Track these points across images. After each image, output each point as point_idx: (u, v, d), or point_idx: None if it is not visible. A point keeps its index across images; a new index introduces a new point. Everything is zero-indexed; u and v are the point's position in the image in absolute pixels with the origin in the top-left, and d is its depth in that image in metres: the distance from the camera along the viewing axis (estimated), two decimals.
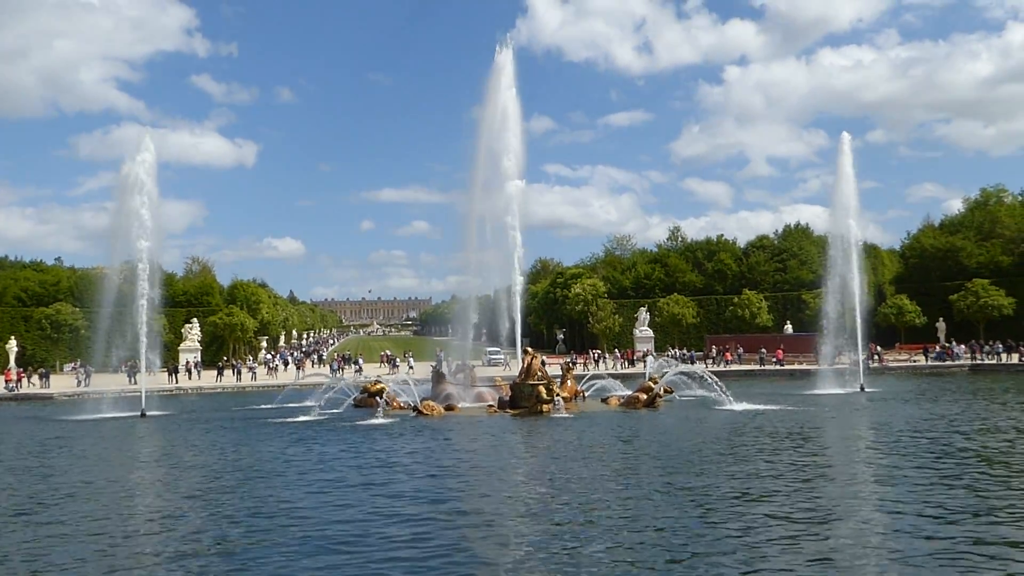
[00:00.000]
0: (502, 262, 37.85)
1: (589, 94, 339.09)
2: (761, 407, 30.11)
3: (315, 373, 54.49)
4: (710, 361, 60.46)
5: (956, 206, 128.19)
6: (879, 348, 56.85)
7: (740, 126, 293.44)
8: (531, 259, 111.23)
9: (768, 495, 13.88)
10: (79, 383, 50.88)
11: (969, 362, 55.00)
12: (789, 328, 74.30)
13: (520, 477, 16.59)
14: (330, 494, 14.95)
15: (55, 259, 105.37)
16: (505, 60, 37.91)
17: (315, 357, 78.58)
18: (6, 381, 50.69)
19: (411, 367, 60.29)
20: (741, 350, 62.89)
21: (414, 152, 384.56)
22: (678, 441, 21.36)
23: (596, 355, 64.77)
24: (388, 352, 71.61)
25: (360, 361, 62.76)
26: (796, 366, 55.36)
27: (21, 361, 65.24)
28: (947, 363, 55.76)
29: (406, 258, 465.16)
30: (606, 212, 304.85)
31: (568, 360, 53.04)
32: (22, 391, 48.26)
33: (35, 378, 53.54)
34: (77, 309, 74.01)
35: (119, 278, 35.31)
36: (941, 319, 68.11)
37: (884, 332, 68.27)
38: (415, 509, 13.46)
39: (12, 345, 65.79)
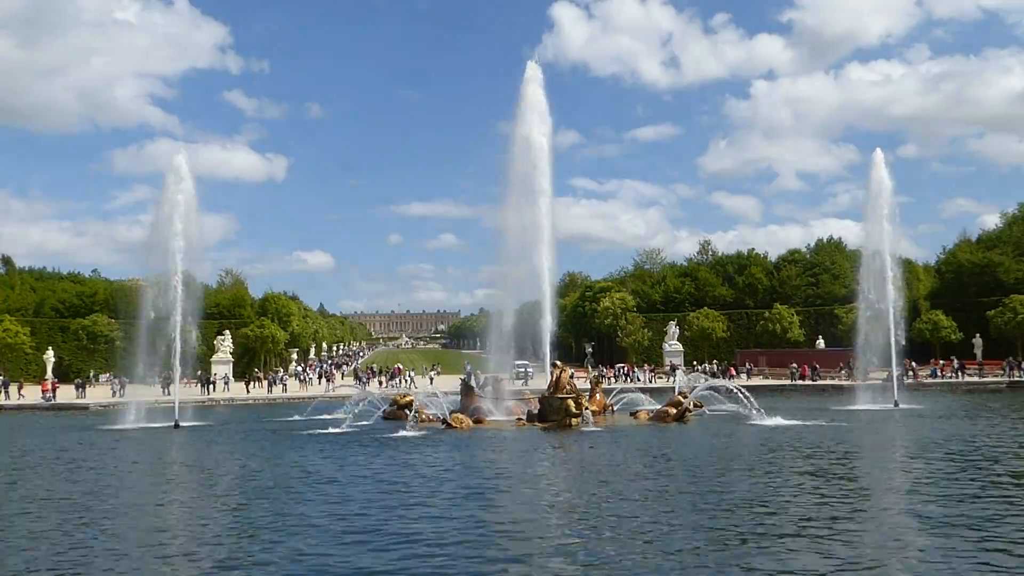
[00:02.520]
0: (531, 275, 37.78)
1: (615, 108, 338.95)
2: (792, 422, 29.72)
3: (343, 385, 54.83)
4: (739, 375, 59.85)
5: (991, 221, 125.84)
6: (914, 364, 55.95)
7: (768, 141, 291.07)
8: (559, 272, 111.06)
9: (800, 514, 13.66)
10: (114, 394, 51.66)
11: (1006, 379, 53.91)
12: (821, 343, 73.46)
13: (550, 494, 16.47)
14: (358, 508, 14.96)
15: (92, 271, 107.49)
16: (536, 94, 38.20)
17: (344, 369, 79.09)
18: (43, 391, 51.59)
19: (409, 379, 60.74)
20: (749, 366, 62.56)
21: (441, 166, 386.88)
22: (709, 456, 21.11)
23: (624, 370, 64.17)
24: (399, 366, 72.46)
25: (412, 373, 63.41)
26: (829, 381, 54.67)
27: (58, 371, 66.43)
28: (970, 380, 54.68)
29: (434, 271, 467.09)
30: (633, 226, 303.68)
31: (597, 374, 52.80)
32: (58, 401, 49.06)
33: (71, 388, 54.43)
34: (113, 320, 75.27)
35: (155, 291, 35.81)
36: (978, 335, 66.83)
37: (919, 348, 67.11)
38: (442, 523, 13.44)
39: (50, 355, 67.09)
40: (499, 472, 19.29)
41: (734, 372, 60.49)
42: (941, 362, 59.19)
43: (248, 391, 55.45)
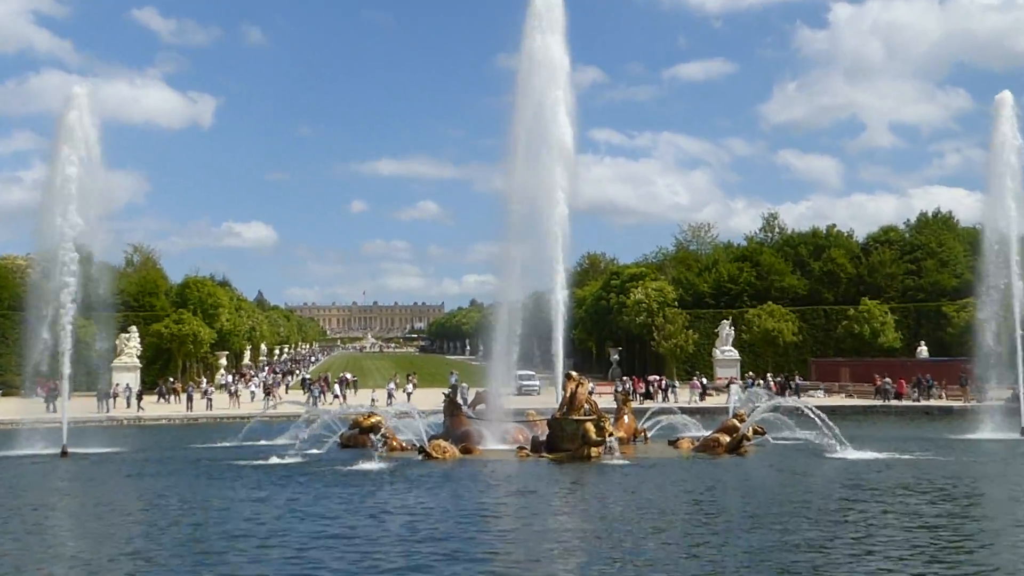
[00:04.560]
0: (539, 258, 37.67)
1: (651, 39, 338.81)
2: (886, 456, 29.69)
3: (289, 400, 54.76)
4: (817, 392, 59.65)
5: None
6: None
7: (852, 83, 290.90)
8: (576, 254, 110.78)
9: None
10: None
11: None
12: (924, 351, 73.34)
13: (562, 560, 16.24)
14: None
15: None
16: None
17: (290, 380, 79.16)
18: None
19: (337, 395, 60.59)
20: (799, 379, 62.13)
21: (420, 112, 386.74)
22: (775, 502, 20.92)
23: (663, 384, 63.88)
24: (348, 375, 72.51)
25: (392, 385, 62.64)
26: (935, 401, 54.63)
27: None
28: None
29: (409, 250, 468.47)
30: (673, 193, 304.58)
31: (623, 388, 52.67)
32: None
33: None
34: None
35: (39, 271, 35.68)
36: None
37: None
38: None
39: None
40: (492, 524, 19.07)
41: (775, 387, 59.21)
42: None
43: (136, 409, 54.91)
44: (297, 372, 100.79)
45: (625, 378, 68.80)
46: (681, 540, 16.70)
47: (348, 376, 72.48)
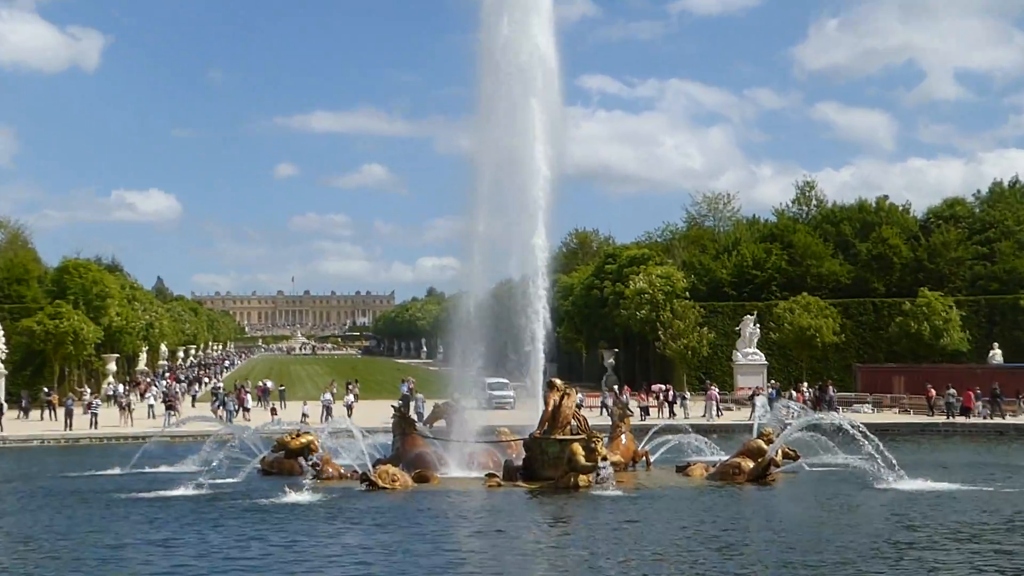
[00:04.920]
0: (517, 236, 37.72)
1: None
2: (949, 486, 29.76)
3: (197, 417, 54.46)
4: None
5: None
6: None
7: (908, 20, 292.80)
8: (563, 231, 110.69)
9: None
10: None
11: None
12: (998, 355, 73.60)
13: None
14: None
15: None
16: None
17: (197, 390, 78.72)
18: None
19: (248, 409, 60.04)
20: (833, 390, 61.86)
21: (364, 56, 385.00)
22: (813, 546, 20.98)
23: (670, 395, 64.02)
24: (269, 383, 71.91)
25: (328, 396, 61.23)
26: (1010, 419, 54.86)
27: None
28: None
29: (351, 227, 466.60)
30: (684, 155, 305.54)
31: (615, 398, 52.64)
32: None
33: None
34: None
35: None
36: None
37: None
38: None
39: None
40: (453, 573, 19.04)
41: (801, 399, 59.19)
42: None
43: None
44: (207, 380, 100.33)
45: (616, 387, 68.80)
46: None
47: (268, 384, 71.88)
